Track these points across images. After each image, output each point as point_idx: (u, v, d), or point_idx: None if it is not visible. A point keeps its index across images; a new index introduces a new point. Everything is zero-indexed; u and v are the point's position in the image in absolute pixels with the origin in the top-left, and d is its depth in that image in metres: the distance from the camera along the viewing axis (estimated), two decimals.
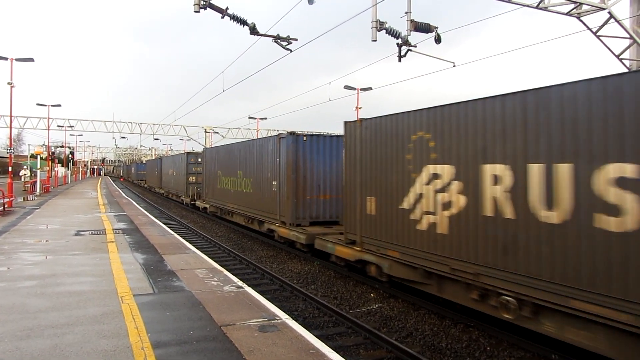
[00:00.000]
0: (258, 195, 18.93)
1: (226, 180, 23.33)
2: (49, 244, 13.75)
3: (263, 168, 18.40)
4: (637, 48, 15.34)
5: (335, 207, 16.31)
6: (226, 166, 23.50)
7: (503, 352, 8.14)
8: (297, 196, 16.05)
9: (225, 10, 13.65)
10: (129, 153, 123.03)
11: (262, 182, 18.39)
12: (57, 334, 6.32)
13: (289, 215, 16.11)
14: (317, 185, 16.22)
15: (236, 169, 21.60)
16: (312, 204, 16.21)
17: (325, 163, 16.34)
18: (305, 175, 16.09)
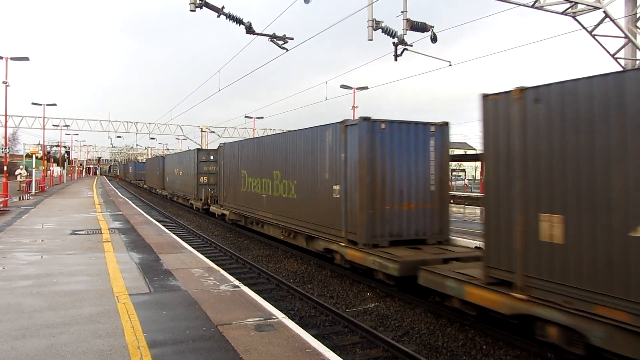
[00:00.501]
0: (308, 203, 14.53)
1: (255, 183, 19.06)
2: (44, 243, 13.70)
3: (317, 167, 14.03)
4: (632, 47, 15.39)
5: (423, 221, 12.43)
6: (255, 165, 19.16)
7: (499, 350, 8.16)
8: (374, 206, 11.86)
9: (221, 9, 13.64)
10: (125, 152, 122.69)
11: (315, 185, 14.11)
12: (52, 334, 6.30)
13: (363, 232, 11.84)
14: (399, 191, 12.10)
15: (270, 168, 17.32)
16: (393, 217, 12.08)
17: (409, 160, 12.29)
18: (385, 177, 11.97)
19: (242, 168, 20.58)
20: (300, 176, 15.03)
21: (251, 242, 19.63)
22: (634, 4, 15.33)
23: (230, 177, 22.49)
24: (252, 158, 19.51)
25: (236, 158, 21.63)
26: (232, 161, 22.25)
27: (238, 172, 21.05)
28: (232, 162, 22.18)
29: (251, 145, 20.05)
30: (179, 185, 35.56)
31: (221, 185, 23.91)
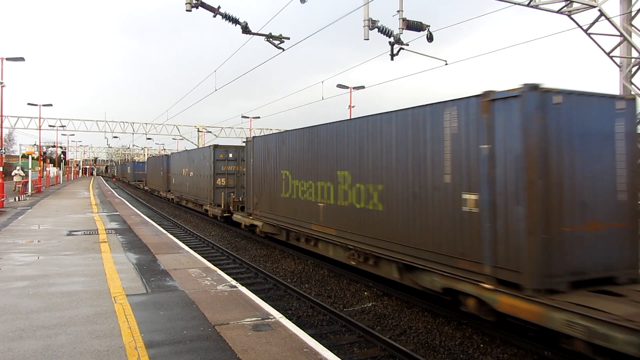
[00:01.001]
0: (406, 218, 10.03)
1: (305, 187, 14.44)
2: (41, 244, 13.67)
3: (425, 166, 9.53)
4: (627, 45, 15.43)
5: (612, 248, 8.02)
6: (305, 163, 14.50)
7: (496, 349, 8.19)
8: (548, 227, 7.53)
9: (217, 9, 13.62)
10: (122, 152, 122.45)
11: (421, 192, 9.60)
12: (49, 335, 6.29)
13: (532, 269, 7.40)
14: (580, 203, 7.84)
15: (333, 167, 12.92)
16: (575, 244, 7.74)
17: (591, 154, 8.01)
18: (561, 181, 7.72)
19: (283, 168, 15.88)
20: (390, 179, 10.50)
21: (248, 242, 19.61)
22: (629, 2, 15.37)
23: (263, 179, 17.61)
24: (300, 154, 14.77)
25: (273, 155, 16.87)
26: (266, 159, 17.50)
27: (276, 172, 16.42)
28: (267, 160, 17.37)
29: (298, 137, 15.01)
30: (189, 188, 30.60)
31: (250, 189, 19.06)
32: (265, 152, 17.64)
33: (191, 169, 30.25)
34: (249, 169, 19.24)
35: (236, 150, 24.78)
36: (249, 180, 19.41)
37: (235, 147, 25.20)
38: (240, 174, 24.20)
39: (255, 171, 18.59)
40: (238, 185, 24.36)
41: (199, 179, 27.94)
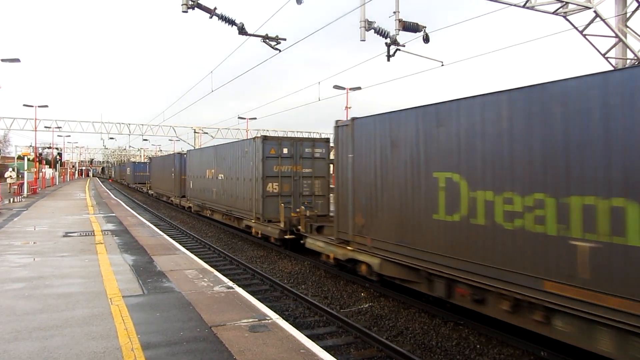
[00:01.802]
0: None
1: (516, 205, 7.49)
2: (36, 245, 13.62)
3: None
4: (622, 47, 15.50)
5: None
6: (520, 160, 7.48)
7: (492, 349, 8.20)
8: None
9: (213, 10, 13.61)
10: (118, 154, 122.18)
11: None
12: (45, 337, 6.27)
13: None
14: None
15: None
16: None
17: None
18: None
19: (443, 168, 9.07)
20: None
21: (245, 243, 19.60)
22: (624, 3, 15.44)
23: (381, 187, 10.75)
24: (500, 142, 7.88)
25: (409, 146, 9.96)
26: (387, 153, 10.62)
27: (418, 176, 9.66)
28: (390, 156, 10.54)
29: (494, 108, 7.98)
30: (218, 195, 23.30)
31: (346, 201, 11.99)
32: (385, 140, 10.53)
33: (221, 170, 22.72)
34: (344, 169, 12.05)
35: (293, 144, 17.95)
36: (342, 188, 12.12)
37: (290, 140, 18.17)
38: (298, 177, 17.82)
39: (358, 173, 11.47)
40: (296, 193, 17.67)
41: (236, 184, 20.48)
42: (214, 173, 23.89)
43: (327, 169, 18.15)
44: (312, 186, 17.88)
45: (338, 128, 12.50)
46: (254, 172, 18.08)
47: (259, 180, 17.59)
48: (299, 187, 17.72)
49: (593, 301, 6.34)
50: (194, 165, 28.67)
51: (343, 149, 12.11)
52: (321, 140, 18.64)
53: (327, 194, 17.96)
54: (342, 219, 12.14)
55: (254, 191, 18.17)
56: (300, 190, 17.68)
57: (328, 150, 18.00)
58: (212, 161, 24.39)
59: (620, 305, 6.05)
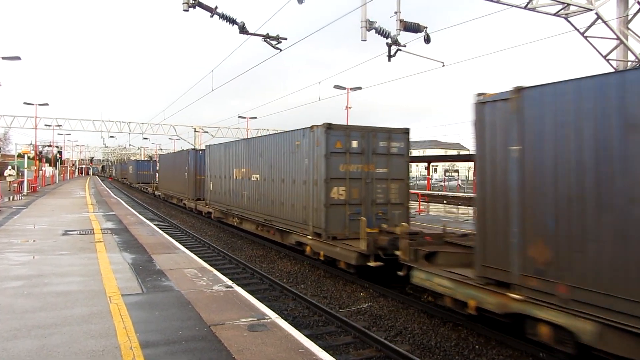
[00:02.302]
0: None
1: None
2: (36, 243, 13.62)
3: None
4: (623, 49, 15.50)
5: None
6: None
7: (491, 350, 8.20)
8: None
9: (214, 9, 13.60)
10: (118, 152, 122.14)
11: None
12: (44, 335, 6.26)
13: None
14: None
15: None
16: None
17: None
18: None
19: None
20: None
21: (244, 242, 19.59)
22: (626, 5, 15.44)
23: (621, 200, 6.12)
24: None
25: None
26: None
27: None
28: None
29: None
30: (251, 201, 18.69)
31: (523, 218, 7.41)
32: (611, 120, 6.32)
33: (256, 169, 18.22)
34: (497, 170, 7.94)
35: (364, 136, 13.59)
36: (494, 200, 8.02)
37: (361, 130, 13.66)
38: (371, 179, 13.61)
39: (535, 176, 7.30)
40: (367, 201, 13.53)
41: (280, 188, 15.95)
42: (245, 173, 19.49)
43: (405, 169, 14.35)
44: (388, 192, 13.88)
45: (483, 105, 8.17)
46: (312, 173, 13.76)
47: (320, 184, 13.25)
48: (372, 193, 13.65)
49: None
50: (215, 164, 23.95)
51: (495, 137, 7.98)
52: (398, 130, 14.12)
53: (406, 202, 14.23)
54: (493, 248, 7.94)
55: (310, 198, 13.79)
56: (372, 196, 13.64)
57: (407, 144, 14.27)
58: (242, 158, 19.97)
59: None
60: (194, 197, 28.57)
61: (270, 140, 17.23)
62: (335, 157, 13.23)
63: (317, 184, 13.45)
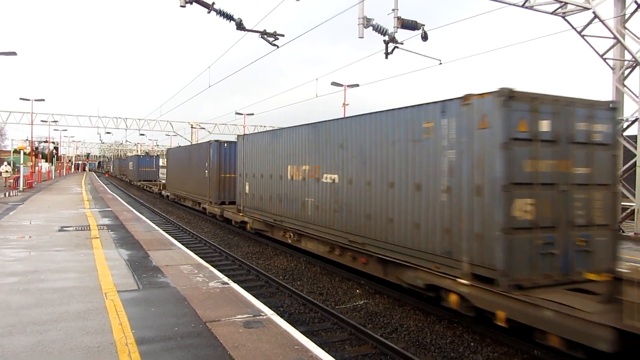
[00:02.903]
0: None
1: None
2: (32, 240, 13.60)
3: None
4: (620, 48, 15.53)
5: None
6: None
7: (486, 347, 8.23)
8: None
9: (211, 5, 13.58)
10: (114, 148, 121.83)
11: None
12: (40, 331, 6.26)
13: None
14: None
15: None
16: None
17: None
18: None
19: None
20: None
21: (241, 239, 19.60)
22: (623, 4, 15.48)
23: None
24: None
25: None
26: None
27: None
28: None
29: None
30: (321, 212, 13.36)
31: None
32: None
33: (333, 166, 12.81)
34: None
35: (559, 113, 8.34)
36: None
37: (553, 101, 8.32)
38: (568, 186, 8.36)
39: None
40: (563, 221, 8.26)
41: (387, 195, 10.59)
42: (310, 172, 13.94)
43: (613, 169, 8.94)
44: (590, 206, 8.55)
45: None
46: (466, 174, 8.43)
47: (490, 193, 7.97)
48: (570, 210, 8.34)
49: None
50: (254, 159, 18.36)
51: None
52: (602, 104, 8.76)
53: (614, 224, 8.94)
54: None
55: (464, 216, 8.44)
56: (570, 215, 8.33)
57: (615, 126, 9.08)
58: (303, 151, 14.37)
59: None
60: (216, 201, 22.99)
61: (364, 124, 11.40)
62: (519, 147, 7.89)
63: (483, 192, 8.06)
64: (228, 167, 22.94)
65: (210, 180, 23.70)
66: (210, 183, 23.76)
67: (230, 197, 22.52)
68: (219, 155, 23.21)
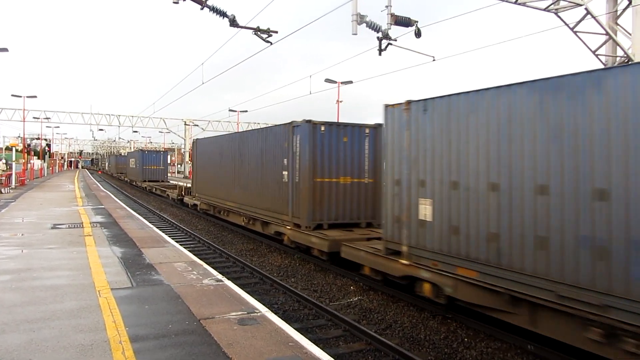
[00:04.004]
0: None
1: None
2: (24, 237, 13.52)
3: None
4: (612, 44, 15.61)
5: None
6: None
7: (480, 343, 8.27)
8: None
9: (204, 1, 13.52)
10: (107, 145, 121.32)
11: None
12: (33, 329, 6.23)
13: None
14: None
15: None
16: None
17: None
18: None
19: None
20: None
21: (235, 236, 19.57)
22: (615, 1, 15.54)
23: None
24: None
25: None
26: None
27: None
28: None
29: None
30: None
31: None
32: None
33: None
34: None
35: None
36: None
37: None
38: None
39: None
40: None
41: None
42: None
43: None
44: None
45: None
46: None
47: None
48: None
49: None
50: (443, 151, 8.87)
51: None
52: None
53: None
54: None
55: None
56: None
57: None
58: None
59: None
60: (308, 223, 13.94)
61: None
62: None
63: None
64: (328, 166, 14.11)
65: (296, 188, 14.43)
66: (295, 192, 14.51)
67: (332, 215, 14.10)
68: (313, 147, 14.00)
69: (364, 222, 14.33)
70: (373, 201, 14.31)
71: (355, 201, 14.30)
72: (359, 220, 14.31)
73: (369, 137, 14.36)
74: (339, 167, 14.17)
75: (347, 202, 14.22)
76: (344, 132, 14.22)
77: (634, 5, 14.74)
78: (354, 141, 14.27)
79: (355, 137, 14.28)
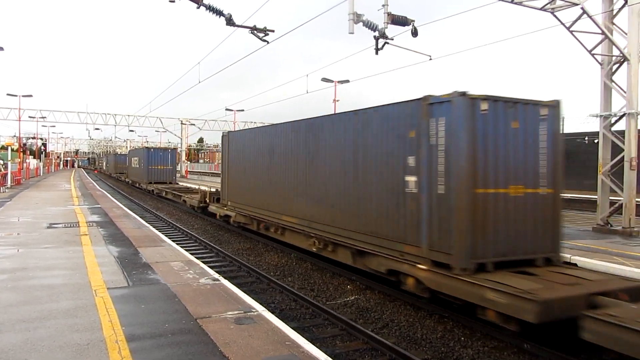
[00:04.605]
0: None
1: None
2: (20, 236, 13.47)
3: None
4: (608, 43, 15.64)
5: None
6: None
7: (477, 342, 8.28)
8: None
9: (201, 0, 13.49)
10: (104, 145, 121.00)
11: None
12: (28, 328, 6.21)
13: None
14: None
15: None
16: None
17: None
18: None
19: None
20: None
21: (232, 235, 19.54)
22: (611, 0, 15.58)
23: None
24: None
25: None
26: None
27: None
28: None
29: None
30: None
31: None
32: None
33: None
34: None
35: None
36: None
37: None
38: None
39: None
40: None
41: None
42: None
43: None
44: None
45: None
46: None
47: None
48: None
49: None
50: None
51: None
52: None
53: None
54: None
55: None
56: None
57: None
58: None
59: None
60: (466, 261, 8.30)
61: None
62: None
63: None
64: (494, 168, 8.75)
65: (440, 205, 8.74)
66: (436, 211, 8.82)
67: (499, 248, 8.76)
68: (472, 136, 8.51)
69: (541, 258, 9.09)
70: (553, 224, 9.30)
71: (531, 224, 9.07)
72: (534, 256, 9.06)
73: (546, 121, 9.20)
74: (508, 170, 8.87)
75: (520, 225, 8.96)
76: (514, 112, 8.94)
77: (630, 4, 14.78)
78: (527, 128, 9.07)
79: (529, 122, 9.08)
